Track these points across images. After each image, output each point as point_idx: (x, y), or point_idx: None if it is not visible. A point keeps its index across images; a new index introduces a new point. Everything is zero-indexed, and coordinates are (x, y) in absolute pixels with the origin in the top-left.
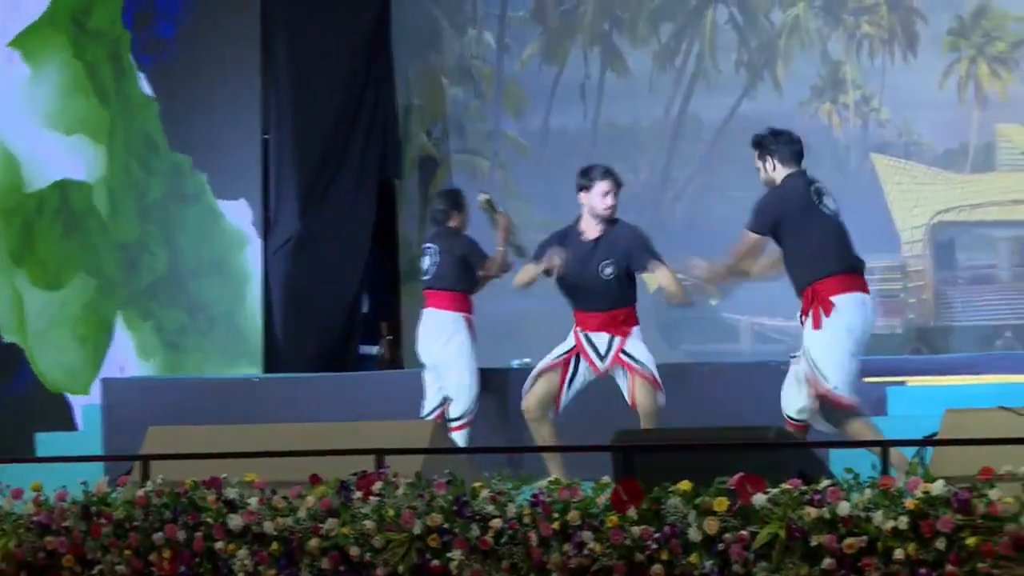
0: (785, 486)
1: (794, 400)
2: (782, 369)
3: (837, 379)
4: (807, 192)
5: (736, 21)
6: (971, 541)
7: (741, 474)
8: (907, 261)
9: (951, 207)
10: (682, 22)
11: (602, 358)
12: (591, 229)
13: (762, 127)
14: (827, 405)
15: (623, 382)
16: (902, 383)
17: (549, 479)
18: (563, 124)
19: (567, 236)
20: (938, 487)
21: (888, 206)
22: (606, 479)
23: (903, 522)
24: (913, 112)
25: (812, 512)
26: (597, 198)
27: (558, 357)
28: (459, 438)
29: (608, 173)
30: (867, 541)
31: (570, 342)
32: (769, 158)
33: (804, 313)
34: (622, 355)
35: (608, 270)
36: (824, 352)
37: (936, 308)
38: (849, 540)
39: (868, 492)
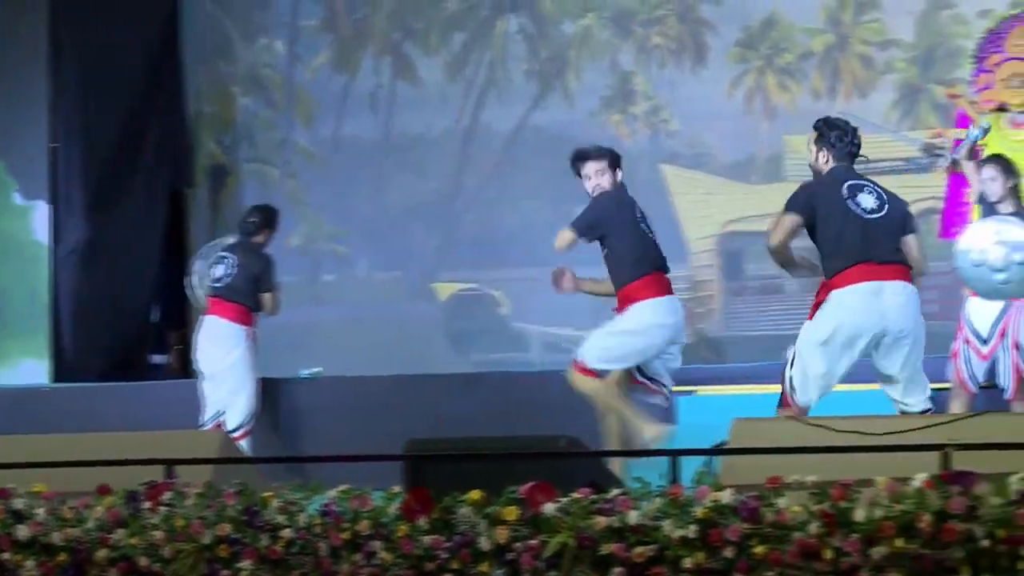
0: (575, 495)
1: None
2: (564, 376)
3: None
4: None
5: (527, 31)
6: (759, 549)
7: (532, 483)
8: (696, 271)
9: (739, 217)
10: (473, 32)
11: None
12: None
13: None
14: None
15: None
16: (692, 392)
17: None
18: (354, 133)
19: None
20: (727, 496)
21: (677, 216)
22: (396, 488)
23: (692, 531)
24: (702, 123)
25: (602, 521)
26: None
27: None
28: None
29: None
30: (656, 550)
31: None
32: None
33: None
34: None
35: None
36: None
37: (725, 318)
38: (638, 549)
39: (658, 501)
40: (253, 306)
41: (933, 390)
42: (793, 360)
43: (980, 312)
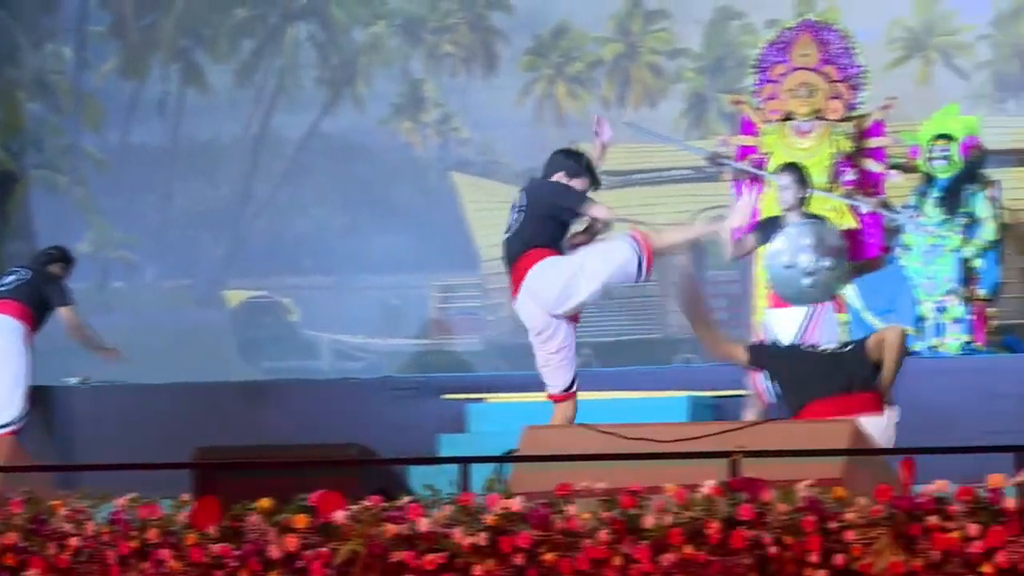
0: (365, 503)
1: None
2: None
3: None
4: None
5: (317, 39)
6: (549, 557)
7: (321, 491)
8: (487, 279)
9: None
10: (263, 39)
11: None
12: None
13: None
14: None
15: None
16: (481, 400)
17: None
18: (143, 139)
19: None
20: (516, 503)
21: (468, 224)
22: (186, 497)
23: (482, 538)
24: (493, 131)
25: (392, 528)
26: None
27: None
28: None
29: (595, 173)
30: (446, 557)
31: None
32: None
33: None
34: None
35: None
36: None
37: (515, 325)
38: (429, 556)
39: (448, 508)
40: (37, 313)
41: (726, 397)
42: None
43: (781, 322)
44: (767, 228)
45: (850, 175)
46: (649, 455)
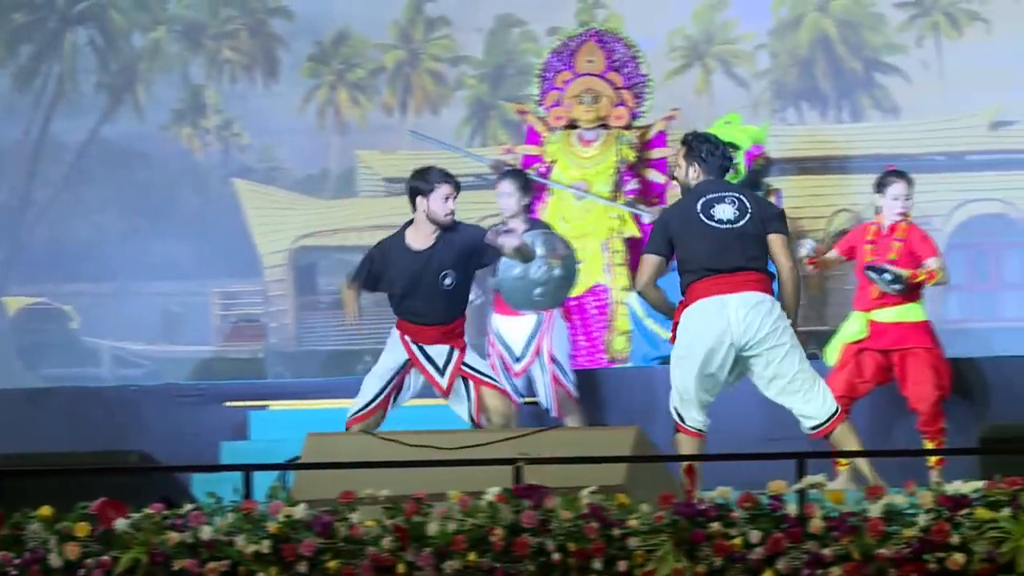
0: (147, 510)
1: None
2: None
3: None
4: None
5: (96, 44)
6: (333, 564)
7: (103, 499)
8: (269, 286)
9: (312, 232)
10: (41, 43)
11: (442, 373)
12: (422, 238)
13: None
14: None
15: (462, 395)
16: (264, 407)
17: None
18: None
19: (391, 250)
20: (300, 510)
21: (250, 230)
22: None
23: (265, 546)
24: (274, 137)
25: (174, 536)
26: (438, 202)
27: (389, 382)
28: None
29: (448, 175)
30: (229, 565)
31: (401, 356)
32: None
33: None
34: (464, 367)
35: (448, 280)
36: None
37: (298, 332)
38: (211, 564)
39: (231, 516)
40: None
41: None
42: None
43: (511, 329)
44: None
45: (633, 184)
46: (433, 463)
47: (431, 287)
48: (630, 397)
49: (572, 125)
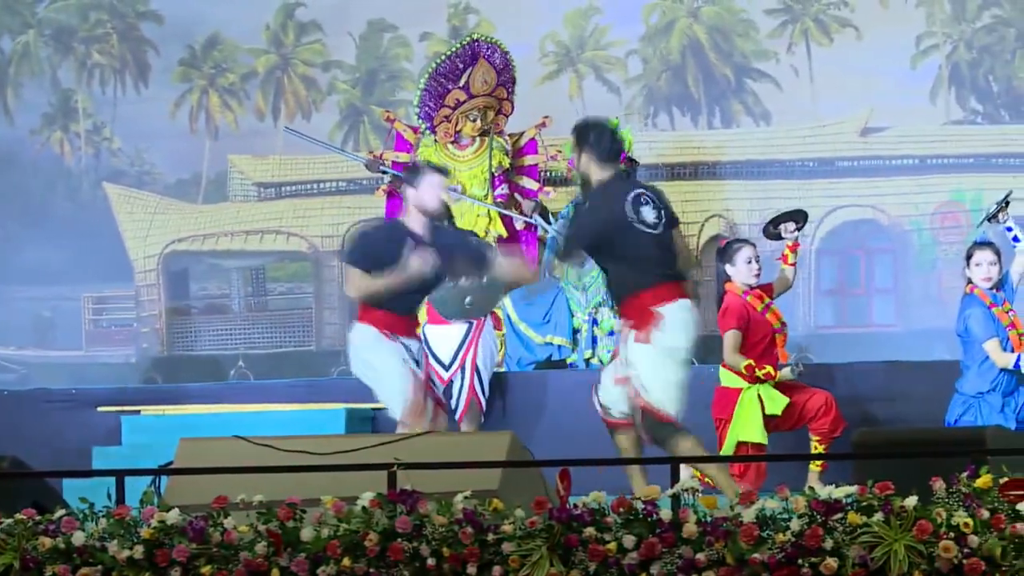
0: (19, 516)
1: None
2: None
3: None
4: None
5: None
6: (206, 570)
7: None
8: (140, 290)
9: (184, 236)
10: None
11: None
12: (421, 227)
13: None
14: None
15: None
16: (136, 412)
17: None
18: None
19: (402, 235)
20: (173, 516)
21: (121, 235)
22: None
23: (138, 551)
24: (146, 141)
25: (47, 542)
26: (428, 191)
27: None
28: None
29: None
30: (102, 571)
31: (399, 348)
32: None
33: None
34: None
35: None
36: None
37: (169, 337)
38: (84, 570)
39: (104, 521)
40: None
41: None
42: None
43: (440, 338)
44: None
45: (503, 189)
46: (307, 467)
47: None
48: (510, 401)
49: (455, 141)
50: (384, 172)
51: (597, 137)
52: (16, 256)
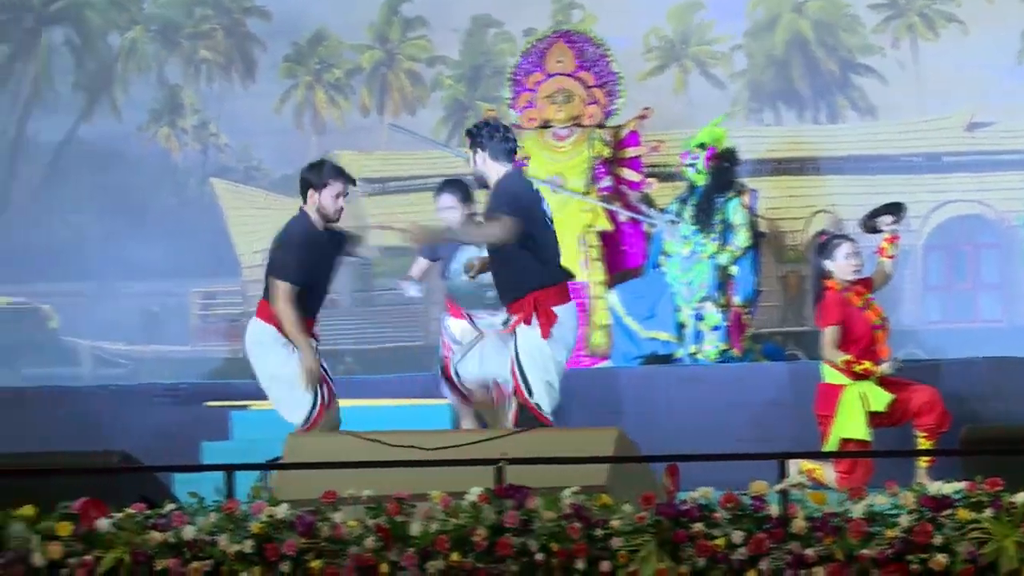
0: (129, 510)
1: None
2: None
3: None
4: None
5: (73, 43)
6: (316, 564)
7: (84, 499)
8: (247, 285)
9: None
10: (17, 43)
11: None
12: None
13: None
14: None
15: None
16: (245, 407)
17: None
18: None
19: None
20: (282, 510)
21: (228, 230)
22: None
23: (248, 546)
24: (251, 137)
25: (157, 536)
26: (329, 198)
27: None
28: None
29: (343, 172)
30: (212, 565)
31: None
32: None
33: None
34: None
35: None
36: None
37: None
38: (194, 564)
39: (213, 516)
40: None
41: None
42: (526, 377)
43: (460, 331)
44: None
45: (607, 181)
46: (415, 462)
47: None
48: (617, 396)
49: (545, 125)
50: None
51: (490, 135)
52: (123, 252)
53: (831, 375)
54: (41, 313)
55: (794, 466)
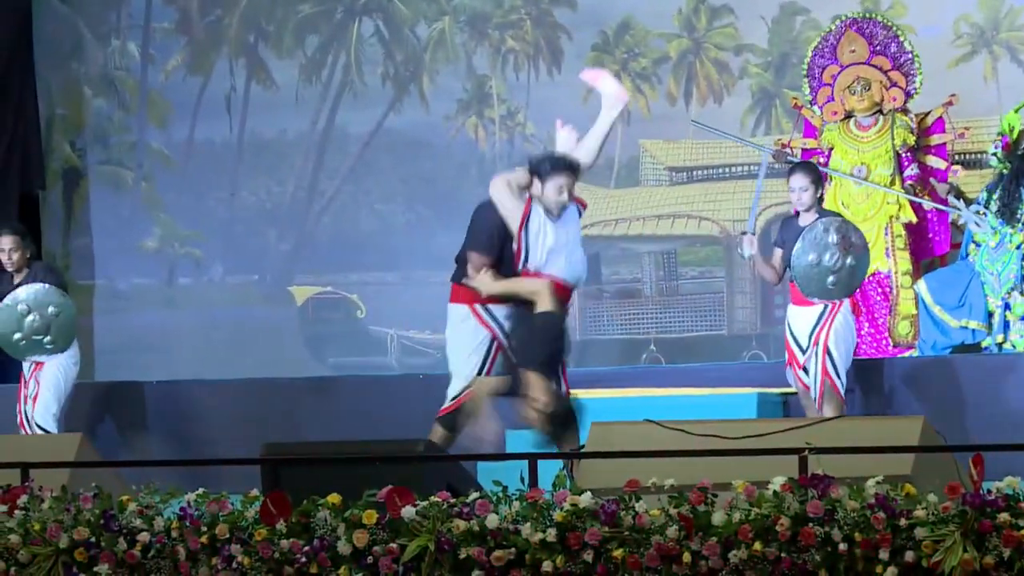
0: (434, 499)
1: None
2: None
3: None
4: None
5: (382, 34)
6: (618, 553)
7: (390, 487)
8: None
9: (596, 221)
10: (328, 34)
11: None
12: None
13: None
14: None
15: None
16: None
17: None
18: (209, 136)
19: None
20: (585, 499)
21: None
22: (255, 492)
23: (551, 534)
24: None
25: (461, 525)
26: (552, 190)
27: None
28: None
29: (570, 166)
30: (515, 553)
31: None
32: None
33: None
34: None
35: None
36: None
37: (582, 321)
38: (498, 552)
39: (516, 504)
40: None
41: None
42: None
43: (800, 320)
44: (786, 227)
45: (913, 169)
46: (718, 451)
47: None
48: (923, 386)
49: (848, 116)
50: (791, 163)
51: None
52: (429, 241)
53: None
54: (349, 303)
55: None
